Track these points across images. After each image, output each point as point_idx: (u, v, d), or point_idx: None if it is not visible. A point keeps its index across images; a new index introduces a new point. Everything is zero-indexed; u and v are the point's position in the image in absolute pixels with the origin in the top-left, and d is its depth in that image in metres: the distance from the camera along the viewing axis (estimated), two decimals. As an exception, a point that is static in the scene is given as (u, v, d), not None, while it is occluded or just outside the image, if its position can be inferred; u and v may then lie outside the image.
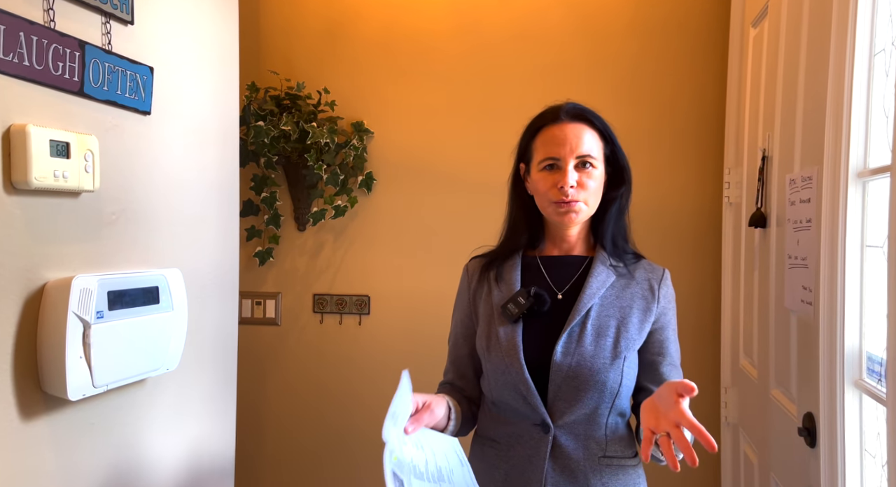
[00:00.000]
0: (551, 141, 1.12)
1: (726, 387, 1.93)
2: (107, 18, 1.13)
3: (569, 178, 1.09)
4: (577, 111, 1.14)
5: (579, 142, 1.11)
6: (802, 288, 1.26)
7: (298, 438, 2.22)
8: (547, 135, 1.13)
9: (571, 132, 1.11)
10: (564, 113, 1.14)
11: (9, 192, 0.95)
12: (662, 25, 2.03)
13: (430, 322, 2.12)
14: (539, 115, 1.17)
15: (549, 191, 1.11)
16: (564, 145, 1.11)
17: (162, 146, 1.30)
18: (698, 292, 2.04)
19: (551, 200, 1.11)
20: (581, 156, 1.11)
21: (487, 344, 1.15)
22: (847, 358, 1.10)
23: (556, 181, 1.10)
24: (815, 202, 1.21)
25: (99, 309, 1.03)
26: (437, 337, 2.09)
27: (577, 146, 1.11)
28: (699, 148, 2.04)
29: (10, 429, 0.97)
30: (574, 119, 1.13)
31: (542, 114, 1.17)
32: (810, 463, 1.22)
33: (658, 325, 1.15)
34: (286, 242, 2.20)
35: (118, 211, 1.17)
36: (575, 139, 1.11)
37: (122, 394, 1.19)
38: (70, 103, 1.06)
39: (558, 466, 1.09)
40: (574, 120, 1.13)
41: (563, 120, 1.13)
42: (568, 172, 1.10)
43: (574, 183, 1.10)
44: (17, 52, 0.94)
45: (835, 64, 1.14)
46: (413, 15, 2.13)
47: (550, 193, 1.11)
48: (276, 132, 2.01)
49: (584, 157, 1.11)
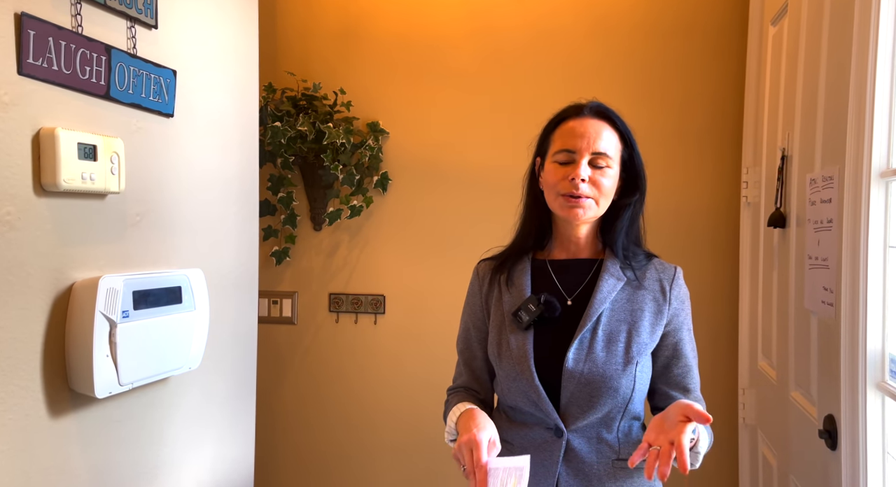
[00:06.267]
0: (570, 133, 1.11)
1: (744, 388, 1.92)
2: (132, 23, 1.15)
3: (581, 171, 1.08)
4: (601, 109, 1.14)
5: (597, 138, 1.10)
6: (823, 289, 1.25)
7: (315, 436, 2.24)
8: (566, 127, 1.13)
9: (591, 127, 1.11)
10: (588, 108, 1.14)
11: (38, 194, 0.97)
12: (679, 24, 2.02)
13: (445, 322, 2.13)
14: (562, 110, 1.17)
15: (560, 183, 1.10)
16: (582, 138, 1.10)
17: (184, 148, 1.32)
18: (715, 292, 2.02)
19: (560, 192, 1.10)
20: (597, 152, 1.09)
21: (499, 351, 1.14)
22: (869, 360, 1.09)
23: (568, 173, 1.09)
24: (836, 202, 1.20)
25: (125, 308, 1.05)
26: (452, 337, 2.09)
27: (594, 141, 1.09)
28: (716, 147, 2.02)
29: (40, 426, 0.99)
30: (596, 116, 1.13)
31: (566, 108, 1.16)
32: (831, 466, 1.21)
33: (671, 327, 1.14)
34: (302, 242, 2.22)
35: (142, 212, 1.19)
36: (594, 134, 1.10)
37: (146, 392, 1.21)
38: (97, 106, 1.08)
39: (571, 470, 1.09)
40: (596, 116, 1.13)
41: (585, 114, 1.13)
42: (581, 165, 1.08)
43: (586, 177, 1.08)
44: (45, 57, 0.96)
45: (857, 62, 1.13)
46: (428, 16, 2.13)
47: (560, 185, 1.09)
48: (292, 132, 2.02)
49: (600, 154, 1.09)
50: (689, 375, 1.14)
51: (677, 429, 0.90)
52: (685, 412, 0.92)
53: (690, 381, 1.15)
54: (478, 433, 0.97)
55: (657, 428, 0.95)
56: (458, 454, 0.98)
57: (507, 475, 0.92)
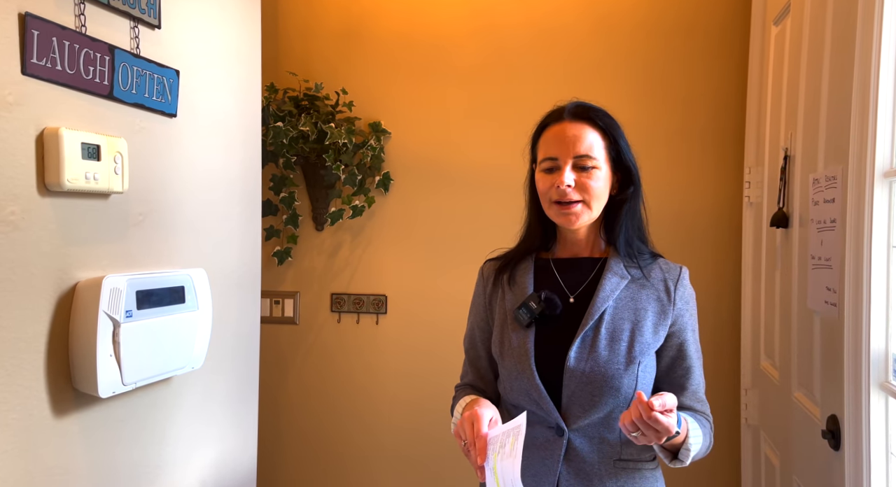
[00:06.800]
0: (551, 140, 1.11)
1: (747, 389, 1.92)
2: (135, 23, 1.15)
3: (565, 178, 1.07)
4: (580, 110, 1.12)
5: (578, 142, 1.09)
6: (826, 289, 1.25)
7: (316, 436, 2.24)
8: (548, 134, 1.12)
9: (570, 131, 1.09)
10: (567, 112, 1.12)
11: (42, 194, 0.98)
12: (681, 24, 2.02)
13: (447, 321, 2.13)
14: (545, 115, 1.16)
15: (549, 192, 1.10)
16: (563, 145, 1.09)
17: (187, 148, 1.32)
18: (718, 293, 2.02)
19: (551, 200, 1.10)
20: (579, 156, 1.08)
21: (501, 349, 1.14)
22: (872, 360, 1.09)
23: (554, 181, 1.09)
24: (839, 202, 1.20)
25: (128, 308, 1.06)
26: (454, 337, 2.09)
27: (575, 146, 1.08)
28: (719, 147, 2.02)
29: (44, 426, 0.99)
30: (575, 118, 1.11)
31: (548, 113, 1.15)
32: (834, 466, 1.21)
33: (675, 328, 1.13)
34: (304, 242, 2.22)
35: (145, 212, 1.20)
36: (573, 139, 1.09)
37: (149, 392, 1.22)
38: (100, 106, 1.08)
39: (572, 469, 1.09)
40: (575, 119, 1.11)
41: (564, 119, 1.11)
42: (564, 172, 1.08)
43: (571, 182, 1.08)
44: (49, 57, 0.96)
45: (860, 61, 1.12)
46: (430, 16, 2.13)
47: (550, 193, 1.10)
48: (294, 133, 2.03)
49: (583, 157, 1.08)
50: (692, 376, 1.14)
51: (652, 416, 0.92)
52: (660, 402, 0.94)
53: (693, 382, 1.14)
54: (479, 409, 1.00)
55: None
56: (459, 429, 1.01)
57: (505, 437, 0.94)
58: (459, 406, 1.16)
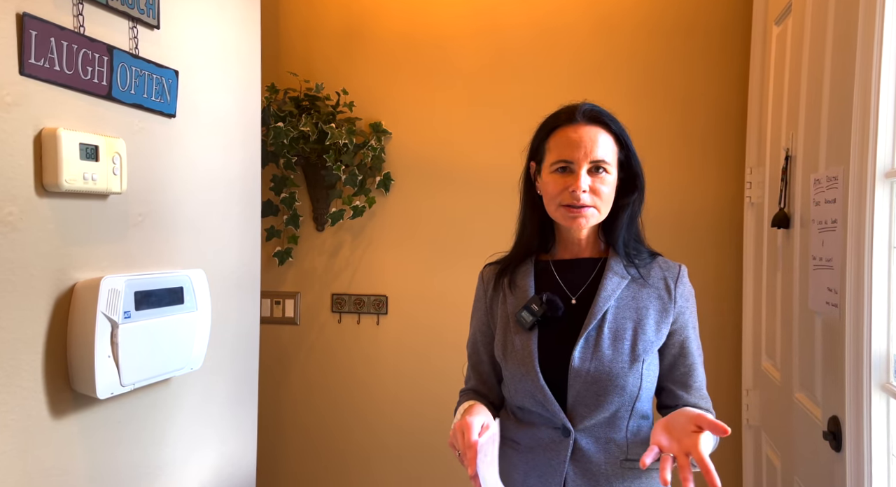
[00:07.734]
0: (566, 143, 1.09)
1: (748, 389, 1.91)
2: (134, 23, 1.15)
3: (581, 183, 1.07)
4: (594, 113, 1.11)
5: (594, 147, 1.08)
6: (827, 290, 1.24)
7: (317, 437, 2.24)
8: (561, 136, 1.10)
9: (587, 135, 1.08)
10: (581, 114, 1.10)
11: (40, 195, 0.97)
12: (682, 24, 2.01)
13: (447, 322, 2.13)
14: (554, 115, 1.14)
15: (560, 195, 1.09)
16: (579, 148, 1.08)
17: (186, 148, 1.32)
18: (719, 293, 2.02)
19: (561, 203, 1.09)
20: (595, 160, 1.08)
21: (504, 352, 1.14)
22: (874, 361, 1.08)
23: (568, 184, 1.08)
24: (840, 202, 1.19)
25: (126, 309, 1.05)
26: (454, 338, 2.10)
27: (591, 150, 1.08)
28: (720, 147, 2.02)
29: (42, 427, 0.99)
30: (590, 121, 1.10)
31: (557, 113, 1.14)
32: (835, 468, 1.20)
33: (677, 326, 1.13)
34: (305, 242, 2.22)
35: (144, 212, 1.19)
36: (590, 143, 1.08)
37: (148, 393, 1.21)
38: (98, 107, 1.08)
39: (579, 469, 1.08)
40: (590, 122, 1.10)
41: (578, 121, 1.10)
42: (581, 177, 1.07)
43: (586, 188, 1.07)
44: (47, 57, 0.96)
45: (862, 61, 1.12)
46: (431, 15, 2.13)
47: (561, 197, 1.09)
48: (295, 133, 2.02)
49: (599, 162, 1.08)
50: (694, 373, 1.14)
51: (691, 440, 0.90)
52: (697, 422, 0.92)
53: (696, 379, 1.14)
54: (469, 418, 1.00)
55: (665, 433, 0.96)
56: (452, 439, 1.02)
57: (489, 444, 0.98)
58: (458, 413, 1.16)
